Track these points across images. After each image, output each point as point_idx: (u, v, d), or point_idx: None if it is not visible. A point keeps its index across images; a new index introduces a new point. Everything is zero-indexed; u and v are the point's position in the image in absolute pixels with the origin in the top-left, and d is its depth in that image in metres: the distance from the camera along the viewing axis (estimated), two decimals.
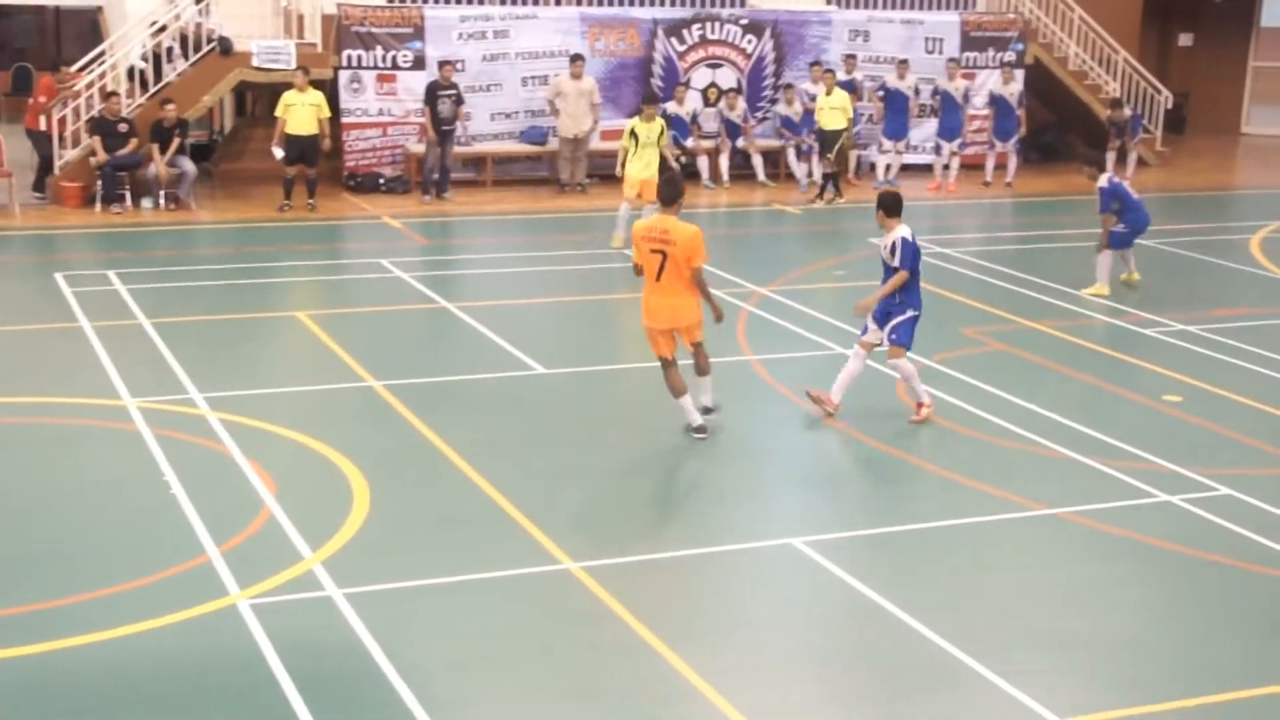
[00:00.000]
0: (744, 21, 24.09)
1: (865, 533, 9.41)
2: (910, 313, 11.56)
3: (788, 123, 23.64)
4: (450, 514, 9.59)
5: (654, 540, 9.34)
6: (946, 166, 23.86)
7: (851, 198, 22.30)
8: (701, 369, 11.01)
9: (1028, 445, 11.19)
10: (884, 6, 25.77)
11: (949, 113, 24.00)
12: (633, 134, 17.79)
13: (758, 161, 23.72)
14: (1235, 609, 8.48)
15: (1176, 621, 8.34)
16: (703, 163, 23.21)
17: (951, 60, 24.35)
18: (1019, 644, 7.93)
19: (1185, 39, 31.57)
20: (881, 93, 23.90)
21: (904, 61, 24.02)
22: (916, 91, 24.11)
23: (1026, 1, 26.31)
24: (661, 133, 17.95)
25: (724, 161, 23.32)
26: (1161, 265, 17.01)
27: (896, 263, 11.36)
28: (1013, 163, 24.19)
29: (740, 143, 23.60)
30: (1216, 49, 31.26)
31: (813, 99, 23.21)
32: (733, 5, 24.95)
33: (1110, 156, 24.61)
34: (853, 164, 22.89)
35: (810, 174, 23.41)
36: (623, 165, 18.00)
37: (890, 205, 11.45)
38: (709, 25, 23.87)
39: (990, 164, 24.20)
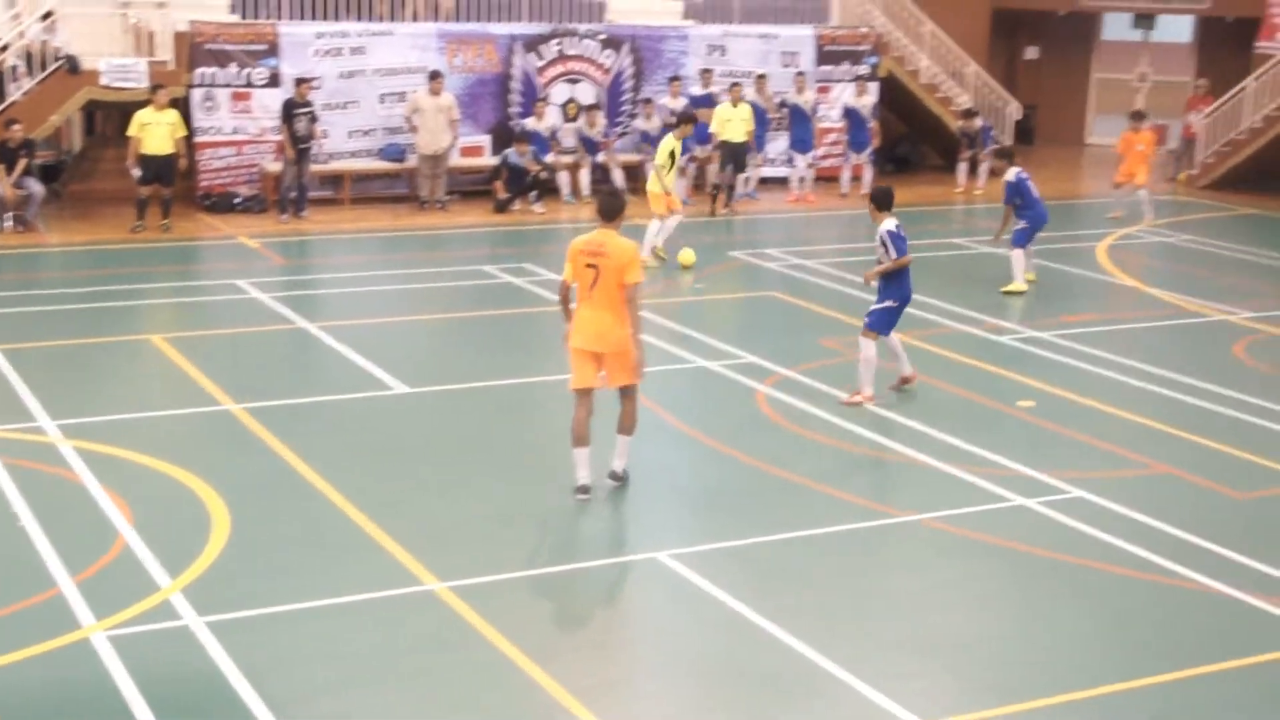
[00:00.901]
0: (602, 36, 24.17)
1: (730, 544, 9.47)
2: (889, 302, 12.43)
3: (646, 137, 23.74)
4: (312, 537, 9.46)
5: (519, 558, 9.30)
6: (802, 179, 24.18)
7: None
8: (624, 425, 10.33)
9: (887, 453, 11.37)
10: (740, 21, 26.03)
11: (799, 125, 24.29)
12: (672, 154, 17.73)
13: (618, 176, 23.78)
14: (1090, 607, 8.70)
15: (1036, 622, 8.53)
16: (563, 178, 23.23)
17: (799, 74, 24.66)
18: (885, 650, 8.04)
19: (1031, 52, 32.35)
20: None
21: (762, 76, 24.29)
22: (775, 105, 24.40)
23: (879, 15, 26.78)
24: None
25: (584, 176, 23.37)
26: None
27: (893, 255, 12.26)
28: (868, 174, 24.59)
29: (600, 157, 23.66)
30: (1061, 62, 32.09)
31: (672, 114, 23.35)
32: (590, 20, 25.01)
33: (963, 167, 25.21)
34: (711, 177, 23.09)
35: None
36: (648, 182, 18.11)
37: (880, 199, 12.38)
38: (567, 40, 23.91)
39: (846, 175, 24.58)
